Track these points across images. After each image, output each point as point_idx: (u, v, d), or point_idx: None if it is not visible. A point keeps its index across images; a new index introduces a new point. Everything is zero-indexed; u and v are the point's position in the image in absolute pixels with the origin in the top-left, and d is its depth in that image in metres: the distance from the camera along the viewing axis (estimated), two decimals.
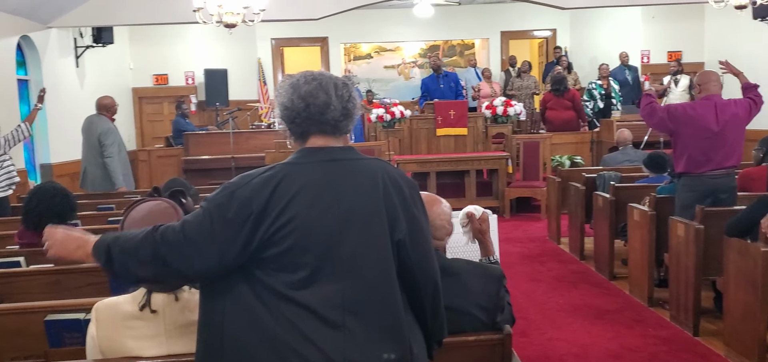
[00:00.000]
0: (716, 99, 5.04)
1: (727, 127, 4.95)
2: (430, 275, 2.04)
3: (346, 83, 2.04)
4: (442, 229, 2.57)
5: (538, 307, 5.55)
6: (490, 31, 15.28)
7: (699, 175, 4.98)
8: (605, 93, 11.89)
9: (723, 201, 4.88)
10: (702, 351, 4.48)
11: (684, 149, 5.03)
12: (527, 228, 8.91)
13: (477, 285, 2.53)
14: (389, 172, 2.02)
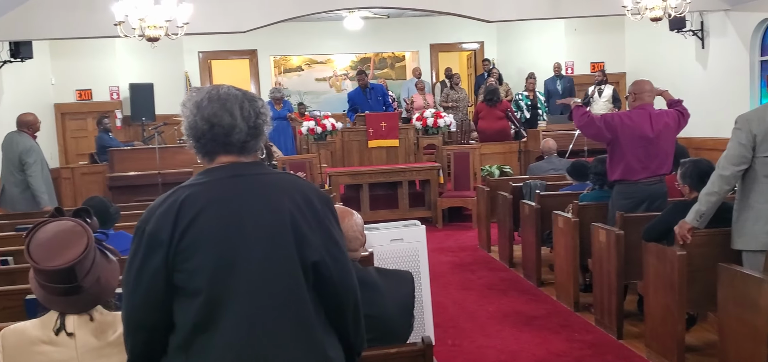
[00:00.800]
0: (650, 108, 5.19)
1: (661, 136, 5.10)
2: (351, 288, 2.02)
3: (254, 101, 1.99)
4: (355, 241, 2.59)
5: (468, 315, 5.61)
6: (419, 44, 15.47)
7: (635, 182, 5.11)
8: (531, 103, 12.16)
9: (658, 208, 5.00)
10: (625, 353, 4.61)
11: (620, 157, 5.14)
12: (459, 238, 9.01)
13: (395, 291, 2.56)
14: (299, 187, 1.98)
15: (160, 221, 1.87)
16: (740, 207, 3.80)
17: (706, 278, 3.92)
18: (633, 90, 5.30)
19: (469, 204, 9.71)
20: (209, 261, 1.85)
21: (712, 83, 11.54)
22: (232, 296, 1.85)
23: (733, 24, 11.01)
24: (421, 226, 4.85)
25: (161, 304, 1.89)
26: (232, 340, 1.84)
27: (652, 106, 5.24)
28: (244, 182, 1.94)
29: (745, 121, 3.74)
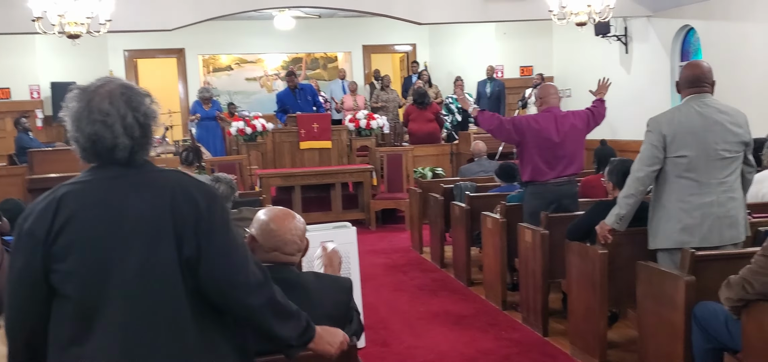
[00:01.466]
0: (556, 111, 5.32)
1: (567, 137, 5.23)
2: (245, 287, 1.94)
3: (138, 106, 1.89)
4: (292, 244, 2.53)
5: (400, 316, 5.62)
6: (352, 45, 15.45)
7: (544, 183, 5.24)
8: (462, 106, 12.29)
9: (566, 207, 5.15)
10: (550, 350, 4.70)
11: (529, 159, 5.27)
12: (392, 240, 9.04)
13: (326, 297, 2.51)
14: (183, 184, 1.91)
15: (38, 219, 1.82)
16: (654, 207, 3.92)
17: (626, 276, 4.01)
18: (539, 94, 5.45)
19: (402, 206, 9.75)
20: (83, 264, 1.80)
21: (635, 87, 11.93)
22: (107, 302, 1.80)
23: (655, 30, 11.42)
24: (351, 228, 4.85)
25: (41, 305, 1.83)
26: (106, 350, 1.79)
27: (559, 108, 5.39)
28: (126, 182, 1.88)
29: (656, 123, 3.86)
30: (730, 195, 3.79)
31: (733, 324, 3.08)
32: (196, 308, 1.88)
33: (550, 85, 5.57)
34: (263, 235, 2.50)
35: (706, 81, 3.84)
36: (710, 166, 3.75)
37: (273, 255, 2.49)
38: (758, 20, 9.24)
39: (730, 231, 3.77)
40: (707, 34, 10.27)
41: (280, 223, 2.52)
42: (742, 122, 3.84)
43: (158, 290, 1.82)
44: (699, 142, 3.74)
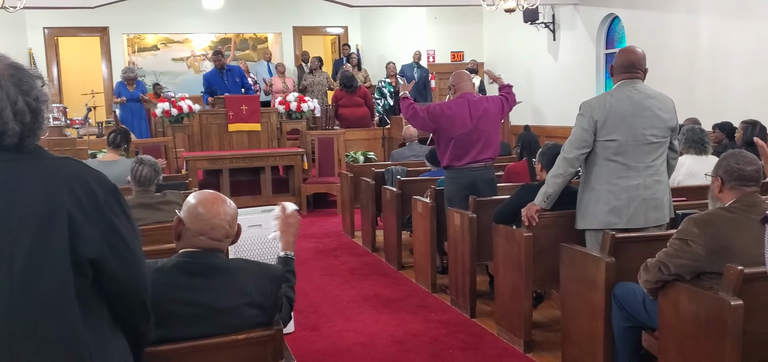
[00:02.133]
0: (469, 96, 5.38)
1: (481, 122, 5.29)
2: (139, 284, 1.89)
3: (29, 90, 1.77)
4: (220, 229, 2.47)
5: (330, 301, 5.61)
6: (282, 26, 15.27)
7: (460, 167, 5.30)
8: (394, 90, 12.34)
9: (482, 192, 5.21)
10: (477, 331, 4.78)
11: (446, 145, 5.32)
12: (323, 224, 9.00)
13: (253, 285, 2.46)
14: (80, 174, 1.79)
15: None
16: (583, 188, 4.03)
17: (550, 258, 4.10)
18: (453, 81, 5.48)
19: (333, 191, 9.72)
20: None
21: (562, 73, 12.22)
22: None
23: (582, 18, 11.70)
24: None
25: None
26: None
27: (473, 94, 5.45)
28: (15, 168, 1.74)
29: (587, 107, 3.96)
30: (656, 179, 3.93)
31: (650, 304, 3.19)
32: (87, 306, 1.78)
33: (464, 72, 5.63)
34: (191, 219, 2.43)
35: (640, 67, 3.96)
36: (638, 150, 3.87)
37: (200, 239, 2.43)
38: (679, 10, 9.59)
39: (655, 213, 3.91)
40: (631, 22, 10.59)
41: (209, 207, 2.46)
42: (669, 108, 3.98)
43: (48, 286, 1.71)
44: (629, 127, 3.85)
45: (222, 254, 2.52)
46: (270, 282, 2.53)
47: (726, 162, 3.05)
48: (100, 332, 1.83)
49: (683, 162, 5.31)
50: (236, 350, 2.35)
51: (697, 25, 9.29)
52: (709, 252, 2.85)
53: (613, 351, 3.53)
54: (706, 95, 9.13)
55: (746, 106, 8.13)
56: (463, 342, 4.55)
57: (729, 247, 2.84)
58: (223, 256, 2.54)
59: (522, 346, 4.35)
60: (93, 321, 1.80)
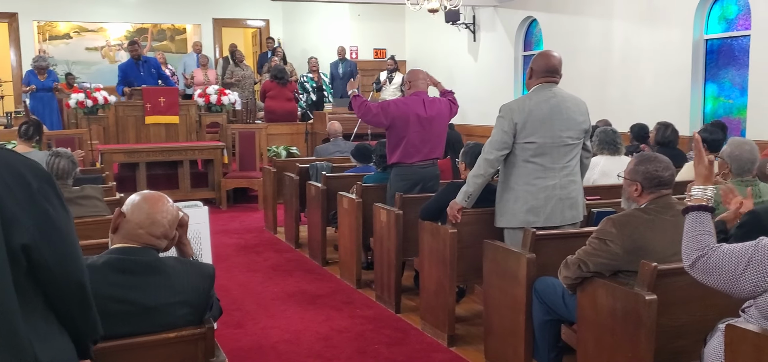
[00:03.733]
0: (423, 95, 5.43)
1: (434, 122, 5.36)
2: (73, 274, 1.86)
3: None
4: (160, 227, 2.43)
5: (253, 297, 5.56)
6: (202, 17, 14.96)
7: (410, 165, 5.34)
8: (317, 85, 12.31)
9: (430, 189, 5.28)
10: (402, 326, 4.85)
11: (398, 142, 5.34)
12: (245, 219, 8.90)
13: (185, 283, 2.44)
14: (10, 162, 1.76)
15: None
16: (502, 188, 4.15)
17: (474, 254, 4.22)
18: (408, 78, 5.54)
19: (255, 185, 9.60)
20: None
21: (482, 74, 12.49)
22: None
23: (501, 20, 11.99)
24: (203, 207, 4.70)
25: None
26: None
27: (426, 93, 5.50)
28: None
29: (507, 109, 4.08)
30: (572, 179, 4.09)
31: (569, 298, 3.33)
32: (25, 295, 1.74)
33: (420, 70, 5.63)
34: (133, 211, 2.41)
35: (558, 72, 4.11)
36: (555, 151, 4.02)
37: (139, 233, 2.39)
38: (594, 14, 9.98)
39: (570, 211, 4.07)
40: (549, 25, 10.94)
41: (152, 203, 2.45)
42: (583, 111, 4.15)
43: None
44: (547, 130, 3.99)
45: (155, 252, 2.48)
46: (202, 280, 2.50)
47: (644, 167, 3.17)
48: (38, 324, 1.78)
49: (597, 162, 5.54)
50: (168, 348, 2.33)
51: (611, 29, 9.70)
52: (626, 252, 3.00)
53: (533, 344, 3.67)
54: (618, 97, 9.55)
55: (655, 108, 8.56)
56: (388, 338, 4.61)
57: (644, 247, 2.99)
58: (156, 254, 2.50)
59: (446, 340, 4.45)
60: (31, 314, 1.76)
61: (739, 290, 2.32)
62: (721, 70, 8.54)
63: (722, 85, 8.56)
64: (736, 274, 2.30)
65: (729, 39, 8.40)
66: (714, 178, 4.55)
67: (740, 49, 8.27)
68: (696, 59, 8.58)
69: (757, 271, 2.26)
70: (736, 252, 2.32)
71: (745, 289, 2.30)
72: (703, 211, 2.45)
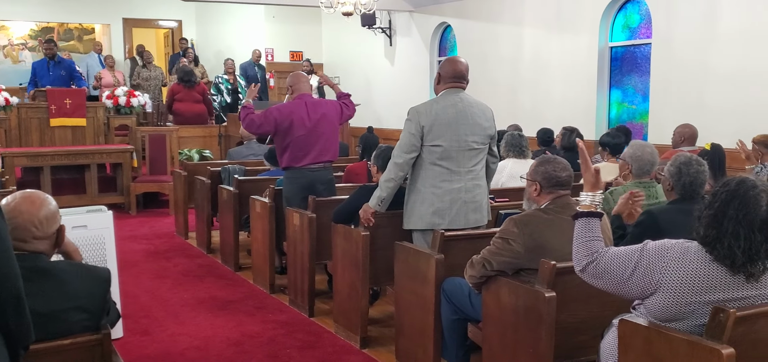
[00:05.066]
0: (307, 98, 5.42)
1: (320, 124, 5.36)
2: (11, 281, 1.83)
3: None
4: (25, 231, 2.32)
5: (162, 304, 5.42)
6: (111, 17, 14.48)
7: (299, 168, 5.32)
8: (232, 87, 12.12)
9: (321, 192, 5.28)
10: (315, 329, 4.83)
11: (285, 146, 5.33)
12: (155, 225, 8.66)
13: (80, 288, 2.36)
14: None
15: None
16: (410, 190, 4.19)
17: (387, 256, 4.24)
18: (290, 83, 5.50)
19: (166, 190, 9.36)
20: None
21: (398, 78, 12.61)
22: None
23: (417, 25, 12.14)
24: (107, 212, 4.54)
25: None
26: None
27: (310, 95, 5.50)
28: None
29: (415, 112, 4.13)
30: (477, 183, 4.17)
31: (475, 298, 3.40)
32: None
33: (301, 74, 5.68)
34: (12, 214, 2.29)
35: (465, 78, 4.18)
36: (461, 155, 4.09)
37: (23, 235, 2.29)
38: (505, 21, 10.24)
39: (474, 215, 4.15)
40: (462, 31, 11.16)
41: (13, 206, 2.34)
42: (489, 117, 4.24)
43: None
44: (453, 134, 4.06)
45: (45, 257, 2.37)
46: (97, 284, 2.43)
47: (543, 168, 3.29)
48: None
49: (505, 165, 5.69)
50: (63, 355, 2.26)
51: (521, 36, 9.97)
52: (528, 250, 3.09)
53: (442, 343, 3.73)
54: (529, 102, 9.83)
55: (563, 114, 8.85)
56: (300, 342, 4.58)
57: (544, 245, 3.09)
58: (47, 259, 2.40)
59: (358, 342, 4.46)
60: None
61: (627, 292, 2.42)
62: (625, 76, 8.93)
63: (626, 91, 8.95)
64: (624, 278, 2.40)
65: (632, 47, 8.79)
66: (616, 179, 4.77)
67: (642, 57, 8.67)
68: (601, 66, 8.93)
69: (643, 275, 2.36)
70: (623, 256, 2.42)
71: (633, 292, 2.41)
72: (592, 217, 2.54)
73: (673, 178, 3.42)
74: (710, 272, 2.26)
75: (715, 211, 2.27)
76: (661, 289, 2.31)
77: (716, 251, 2.24)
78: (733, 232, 2.22)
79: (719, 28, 7.33)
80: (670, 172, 3.44)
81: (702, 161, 3.45)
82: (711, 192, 2.37)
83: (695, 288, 2.26)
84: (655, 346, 2.25)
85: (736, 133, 6.90)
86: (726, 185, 2.31)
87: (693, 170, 3.37)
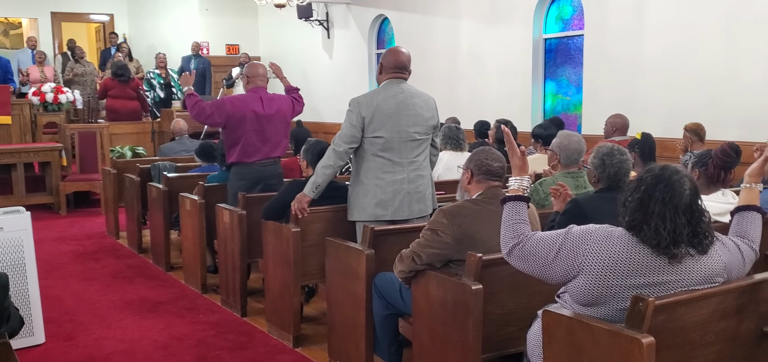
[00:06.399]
0: (262, 92, 5.27)
1: (273, 119, 5.22)
2: None
3: None
4: None
5: (88, 307, 5.22)
6: (38, 11, 13.93)
7: (250, 164, 5.18)
8: (165, 82, 11.81)
9: (272, 188, 5.15)
10: (247, 329, 4.71)
11: (236, 140, 5.16)
12: (85, 225, 8.39)
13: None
14: None
15: None
16: (353, 182, 4.15)
17: (320, 252, 4.15)
18: (247, 73, 5.34)
19: (97, 189, 9.07)
20: None
21: (337, 71, 12.50)
22: None
23: (354, 17, 12.05)
24: (25, 213, 4.35)
25: None
26: None
27: (265, 89, 5.34)
28: None
29: (356, 103, 4.06)
30: (420, 173, 4.14)
31: (406, 292, 3.35)
32: None
33: (259, 65, 5.44)
34: None
35: (406, 68, 4.14)
36: (403, 146, 4.05)
37: None
38: (442, 14, 10.24)
39: (418, 205, 4.12)
40: (400, 24, 11.12)
41: None
42: (431, 107, 4.20)
43: None
44: (394, 125, 4.01)
45: None
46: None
47: (476, 157, 3.28)
48: None
49: (442, 157, 5.67)
50: None
51: (458, 29, 9.99)
52: (456, 241, 3.05)
53: (374, 339, 3.67)
54: (467, 95, 9.86)
55: (500, 106, 8.91)
56: (231, 343, 4.45)
57: (473, 236, 3.06)
58: None
59: (291, 341, 4.37)
60: None
61: (551, 276, 2.41)
62: (559, 68, 9.03)
63: (560, 83, 9.06)
64: (549, 261, 2.39)
65: (565, 38, 8.89)
66: (545, 170, 4.80)
67: (575, 48, 8.77)
68: (536, 58, 9.01)
69: (566, 258, 2.35)
70: (548, 240, 2.41)
71: (556, 275, 2.40)
72: (519, 201, 2.54)
73: (598, 170, 3.45)
74: (633, 255, 2.26)
75: (642, 195, 2.28)
76: (584, 272, 2.31)
77: (643, 233, 2.25)
78: (659, 214, 2.23)
79: (649, 20, 7.47)
80: (595, 164, 3.47)
81: (624, 150, 3.49)
82: (636, 178, 2.38)
83: (617, 271, 2.27)
84: (577, 336, 2.24)
85: (666, 122, 7.06)
86: (650, 171, 2.33)
87: (616, 160, 3.40)
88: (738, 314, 2.33)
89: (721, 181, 3.71)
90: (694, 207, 2.28)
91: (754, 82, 6.53)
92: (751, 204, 2.58)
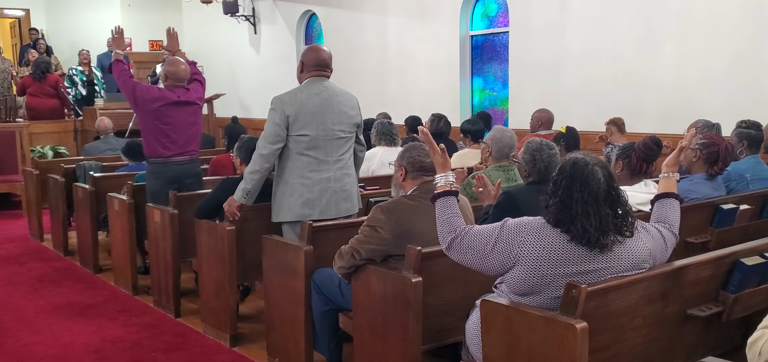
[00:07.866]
0: (180, 90, 5.16)
1: (190, 114, 5.17)
2: None
3: None
4: None
5: (14, 313, 5.05)
6: None
7: (165, 161, 5.09)
8: (88, 79, 11.45)
9: (189, 186, 5.09)
10: (182, 330, 4.66)
11: (149, 133, 5.08)
12: (6, 228, 8.09)
13: None
14: None
15: None
16: (278, 182, 4.11)
17: (255, 250, 4.13)
18: (166, 71, 5.22)
19: (17, 190, 8.75)
20: None
21: (264, 67, 12.40)
22: None
23: (282, 13, 11.98)
24: None
25: None
26: None
27: (184, 87, 5.21)
28: None
29: (278, 102, 4.05)
30: (346, 172, 4.16)
31: (345, 287, 3.40)
32: None
33: (178, 60, 5.33)
34: None
35: (328, 66, 4.15)
36: (328, 145, 4.05)
37: None
38: (370, 10, 10.31)
39: (345, 204, 4.14)
40: (328, 20, 11.12)
41: None
42: (354, 105, 4.23)
43: None
44: (319, 123, 4.01)
45: None
46: None
47: (409, 153, 3.35)
48: None
49: (375, 153, 5.74)
50: None
51: (386, 25, 10.08)
52: (395, 236, 3.12)
53: (313, 335, 3.70)
54: (396, 90, 9.96)
55: (430, 101, 9.04)
56: (166, 344, 4.40)
57: (411, 231, 3.13)
58: None
59: (228, 341, 4.35)
60: None
61: (489, 267, 2.51)
62: (486, 64, 9.24)
63: (487, 79, 9.27)
64: (486, 253, 2.48)
65: (491, 35, 9.11)
66: (477, 164, 4.93)
67: (501, 45, 9.00)
68: (463, 54, 9.19)
69: (502, 250, 2.45)
70: (485, 233, 2.51)
71: (494, 267, 2.50)
72: (448, 196, 2.63)
73: (529, 165, 3.59)
74: (565, 246, 2.37)
75: (561, 198, 2.38)
76: (520, 263, 2.41)
77: (571, 233, 2.36)
78: (582, 213, 2.34)
79: (571, 18, 7.74)
80: (526, 160, 3.60)
81: (552, 145, 3.63)
82: (551, 180, 2.48)
83: (551, 261, 2.37)
84: (514, 324, 2.33)
85: (587, 115, 7.34)
86: (562, 172, 2.43)
87: (545, 155, 3.55)
88: (663, 298, 2.48)
89: (644, 172, 3.90)
90: (612, 191, 2.39)
91: (668, 77, 6.88)
92: (670, 191, 2.75)
